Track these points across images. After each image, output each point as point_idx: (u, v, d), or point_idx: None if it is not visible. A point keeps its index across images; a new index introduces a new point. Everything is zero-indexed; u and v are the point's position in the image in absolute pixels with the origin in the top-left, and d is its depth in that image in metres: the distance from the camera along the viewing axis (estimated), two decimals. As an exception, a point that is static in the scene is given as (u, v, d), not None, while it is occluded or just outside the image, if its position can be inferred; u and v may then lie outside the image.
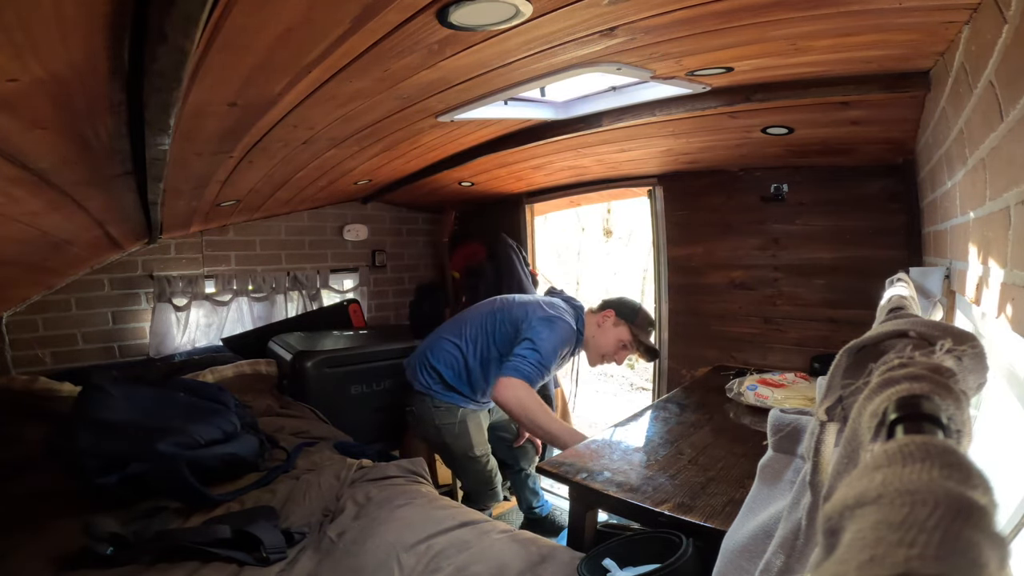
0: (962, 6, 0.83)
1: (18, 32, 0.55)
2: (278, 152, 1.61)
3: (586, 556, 1.05)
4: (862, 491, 0.20)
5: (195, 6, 0.54)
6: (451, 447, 1.93)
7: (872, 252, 1.95)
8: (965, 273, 0.89)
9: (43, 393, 2.02)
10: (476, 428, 1.90)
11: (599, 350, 1.94)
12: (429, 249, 3.70)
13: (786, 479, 0.60)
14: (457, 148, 2.07)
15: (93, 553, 1.13)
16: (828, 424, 0.43)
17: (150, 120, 0.82)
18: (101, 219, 1.63)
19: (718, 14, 0.94)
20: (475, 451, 1.89)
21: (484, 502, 1.95)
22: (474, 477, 1.95)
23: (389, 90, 1.23)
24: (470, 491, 2.02)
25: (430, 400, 1.88)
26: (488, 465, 1.94)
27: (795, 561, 0.47)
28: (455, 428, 1.87)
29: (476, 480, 1.95)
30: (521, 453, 2.15)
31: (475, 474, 1.95)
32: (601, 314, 1.94)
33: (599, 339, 1.92)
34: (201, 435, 1.53)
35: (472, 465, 1.93)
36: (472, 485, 1.99)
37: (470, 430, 1.88)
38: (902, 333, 0.39)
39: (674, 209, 2.50)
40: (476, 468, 1.93)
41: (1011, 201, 0.61)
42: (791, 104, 1.42)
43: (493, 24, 0.92)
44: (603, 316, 1.93)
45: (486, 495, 1.95)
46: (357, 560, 1.19)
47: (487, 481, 1.95)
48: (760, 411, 1.66)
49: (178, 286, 2.66)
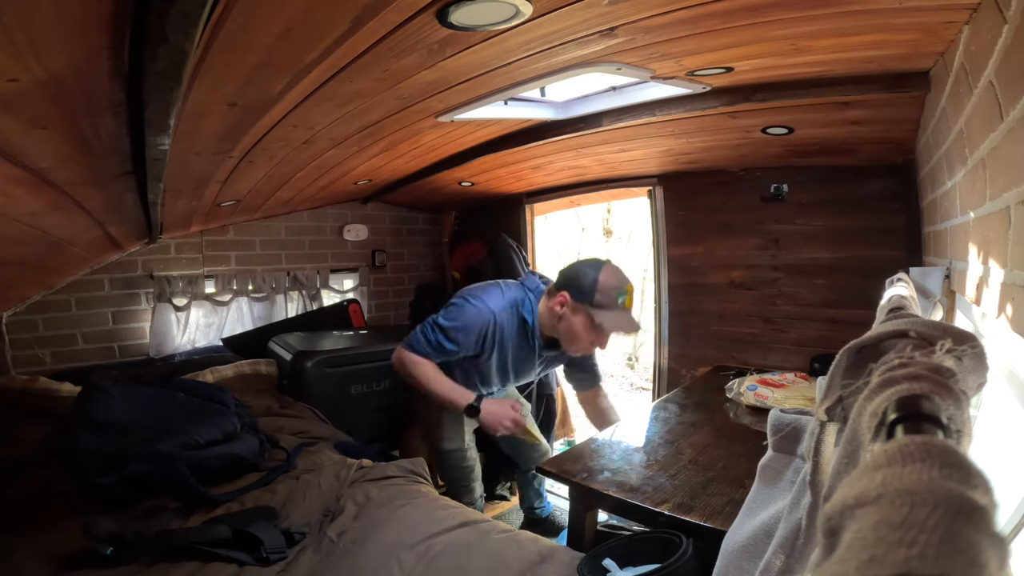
0: (962, 6, 0.83)
1: (18, 32, 0.55)
2: (278, 152, 1.61)
3: (586, 556, 1.05)
4: (862, 491, 0.20)
5: (195, 6, 0.54)
6: (428, 437, 1.93)
7: (872, 252, 1.95)
8: (965, 273, 0.89)
9: (43, 393, 2.02)
10: (452, 421, 1.83)
11: (571, 344, 1.66)
12: (429, 249, 3.70)
13: (786, 479, 0.60)
14: (457, 148, 2.07)
15: (93, 553, 1.13)
16: (828, 424, 0.43)
17: (150, 120, 0.82)
18: (101, 219, 1.63)
19: (718, 14, 0.94)
20: (445, 444, 1.85)
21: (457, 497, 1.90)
22: (445, 471, 1.94)
23: (389, 90, 1.23)
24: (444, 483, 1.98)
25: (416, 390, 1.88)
26: (462, 461, 1.90)
27: (795, 561, 0.47)
28: (431, 417, 1.85)
29: (447, 474, 1.94)
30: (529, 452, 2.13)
31: (446, 468, 1.93)
32: (556, 299, 1.62)
33: (564, 331, 1.64)
34: (201, 435, 1.53)
35: (443, 458, 1.91)
36: (444, 477, 1.97)
37: (444, 422, 1.83)
38: (902, 333, 0.39)
39: (674, 209, 2.50)
40: (447, 462, 1.90)
41: (1011, 201, 0.61)
42: (791, 104, 1.42)
43: (493, 24, 0.92)
44: (557, 301, 1.61)
45: (458, 490, 1.91)
46: (357, 560, 1.19)
47: (459, 478, 1.91)
48: (760, 411, 1.66)
49: (178, 286, 2.66)
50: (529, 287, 1.74)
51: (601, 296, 1.56)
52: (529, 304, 1.69)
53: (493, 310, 1.66)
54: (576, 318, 1.59)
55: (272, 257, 3.02)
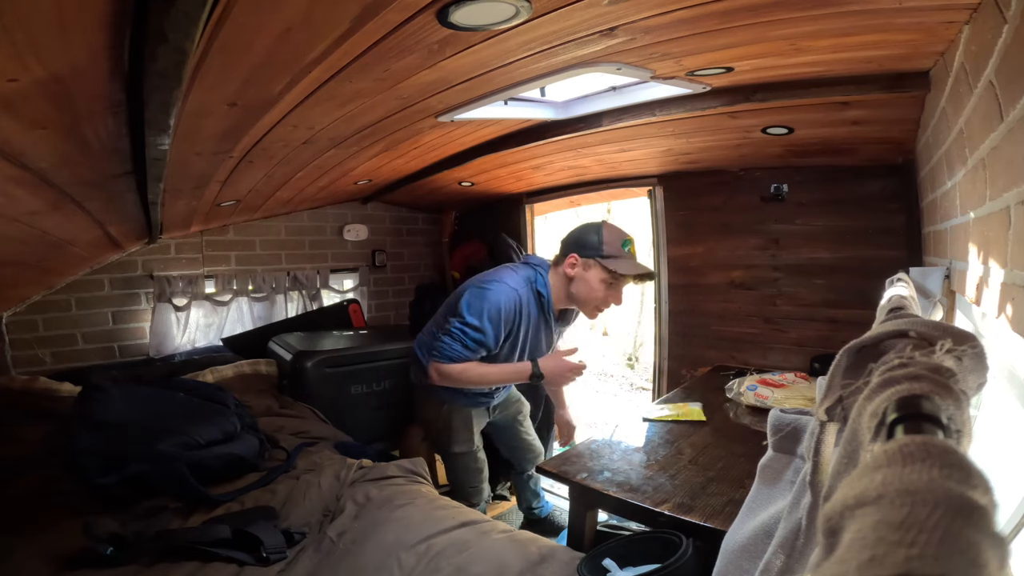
0: (962, 6, 0.83)
1: (18, 32, 0.55)
2: (278, 152, 1.61)
3: (586, 556, 1.05)
4: (862, 491, 0.20)
5: (195, 6, 0.54)
6: (436, 440, 1.92)
7: (872, 252, 1.95)
8: (965, 273, 0.89)
9: (43, 393, 2.02)
10: (461, 424, 1.82)
11: (587, 303, 1.67)
12: (429, 249, 3.70)
13: (786, 479, 0.60)
14: (457, 148, 2.07)
15: (93, 553, 1.13)
16: (828, 424, 0.43)
17: (150, 120, 0.82)
18: (101, 219, 1.63)
19: (718, 14, 0.94)
20: (454, 448, 1.84)
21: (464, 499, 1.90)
22: (454, 473, 1.93)
23: (389, 90, 1.23)
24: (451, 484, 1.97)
25: (419, 393, 1.86)
26: (473, 463, 1.88)
27: (795, 561, 0.47)
28: (439, 423, 1.83)
29: (456, 476, 1.92)
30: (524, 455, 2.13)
31: (455, 471, 1.91)
32: (565, 263, 1.66)
33: (580, 291, 1.65)
34: (201, 435, 1.53)
35: (451, 461, 1.90)
36: (452, 479, 1.95)
37: (453, 426, 1.81)
38: (902, 333, 0.39)
39: (674, 209, 2.50)
40: (456, 464, 1.89)
41: (1011, 201, 0.61)
42: (791, 104, 1.42)
43: (493, 24, 0.91)
44: (568, 265, 1.65)
45: (466, 492, 1.90)
46: (357, 560, 1.19)
47: (468, 480, 1.90)
48: (760, 411, 1.66)
49: (178, 286, 2.66)
50: (534, 263, 1.74)
51: (608, 247, 1.61)
52: (541, 279, 1.70)
53: (515, 287, 1.65)
54: (589, 273, 1.63)
55: (272, 257, 3.02)
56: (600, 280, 1.62)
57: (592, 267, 1.62)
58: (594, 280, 1.62)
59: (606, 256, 1.61)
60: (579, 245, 1.65)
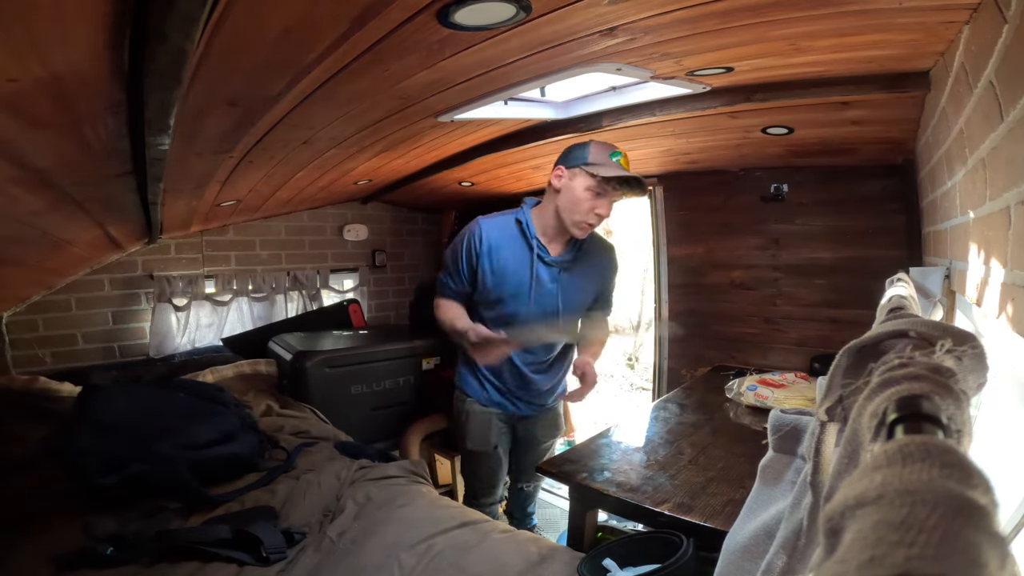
0: (962, 6, 0.83)
1: (18, 32, 0.55)
2: (278, 152, 1.61)
3: (586, 556, 1.05)
4: (862, 491, 0.20)
5: (195, 6, 0.54)
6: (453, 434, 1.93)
7: (872, 252, 1.95)
8: (965, 273, 0.89)
9: (43, 393, 2.02)
10: (479, 423, 1.79)
11: (573, 214, 1.55)
12: (429, 249, 3.70)
13: (787, 479, 0.60)
14: (457, 148, 2.07)
15: (93, 553, 1.13)
16: (828, 424, 0.43)
17: (150, 120, 0.82)
18: (101, 219, 1.63)
19: (718, 14, 0.94)
20: (467, 444, 1.83)
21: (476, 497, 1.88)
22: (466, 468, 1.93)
23: (389, 90, 1.23)
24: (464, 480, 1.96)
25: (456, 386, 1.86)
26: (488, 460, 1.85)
27: (796, 561, 0.47)
28: (461, 416, 1.82)
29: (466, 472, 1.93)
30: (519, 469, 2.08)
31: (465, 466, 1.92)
32: (552, 176, 1.59)
33: (565, 203, 1.56)
34: (201, 435, 1.53)
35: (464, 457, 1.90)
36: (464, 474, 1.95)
37: (471, 422, 1.80)
38: (902, 333, 0.39)
39: (674, 209, 2.50)
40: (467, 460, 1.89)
41: (1011, 201, 0.61)
42: (791, 104, 1.42)
43: (493, 24, 0.91)
44: (554, 176, 1.58)
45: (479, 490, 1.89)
46: (357, 560, 1.19)
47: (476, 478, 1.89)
48: (760, 411, 1.66)
49: (178, 286, 2.66)
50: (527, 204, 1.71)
51: (595, 156, 1.53)
52: (525, 209, 1.68)
53: (480, 222, 1.65)
54: (574, 182, 1.54)
55: (272, 257, 3.02)
56: (585, 188, 1.52)
57: (576, 175, 1.53)
58: (579, 189, 1.53)
59: (591, 163, 1.52)
60: (566, 158, 1.57)
